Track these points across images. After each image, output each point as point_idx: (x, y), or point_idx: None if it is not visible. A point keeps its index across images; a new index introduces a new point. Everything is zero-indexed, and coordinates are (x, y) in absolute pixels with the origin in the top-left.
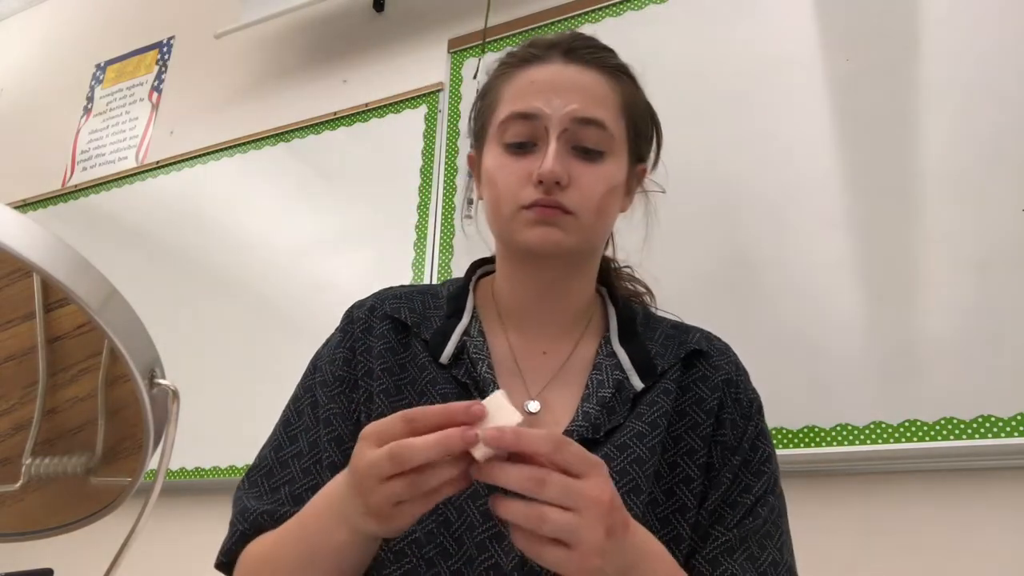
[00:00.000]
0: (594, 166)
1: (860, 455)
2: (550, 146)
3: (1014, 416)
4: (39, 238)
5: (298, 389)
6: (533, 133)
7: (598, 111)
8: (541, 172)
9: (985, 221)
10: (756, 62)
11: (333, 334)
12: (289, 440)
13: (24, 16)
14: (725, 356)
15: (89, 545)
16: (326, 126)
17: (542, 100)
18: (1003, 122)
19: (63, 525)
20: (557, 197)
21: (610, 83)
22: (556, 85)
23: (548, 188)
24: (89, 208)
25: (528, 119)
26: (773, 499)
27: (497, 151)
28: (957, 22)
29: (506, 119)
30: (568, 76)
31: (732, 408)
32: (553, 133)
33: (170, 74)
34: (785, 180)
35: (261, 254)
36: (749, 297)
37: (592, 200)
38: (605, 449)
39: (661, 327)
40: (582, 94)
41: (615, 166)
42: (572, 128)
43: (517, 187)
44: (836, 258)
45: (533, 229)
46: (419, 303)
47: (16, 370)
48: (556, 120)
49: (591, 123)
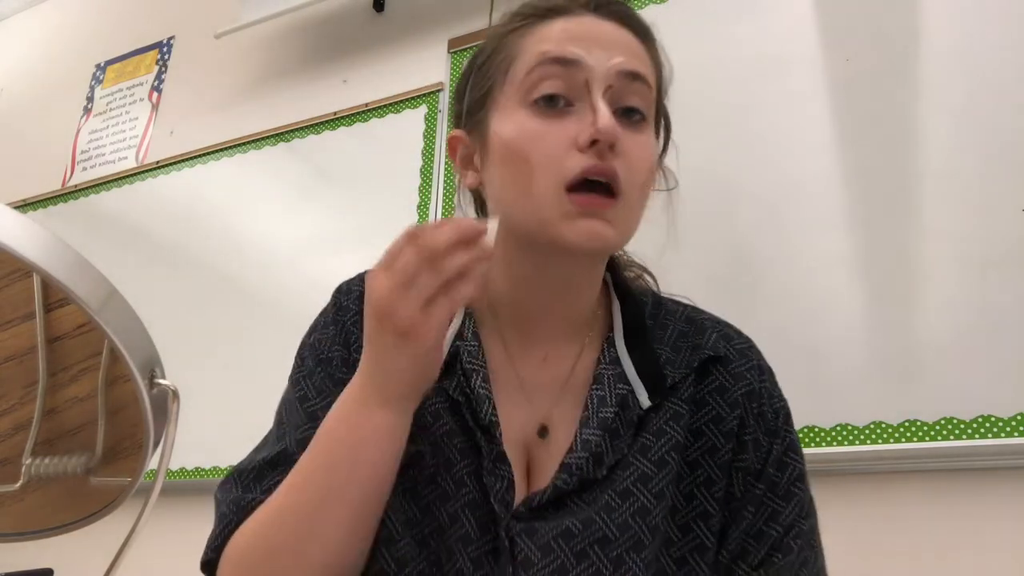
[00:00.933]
0: (638, 134)
1: (860, 455)
2: (597, 102)
3: (1014, 416)
4: (39, 238)
5: (288, 387)
6: (570, 88)
7: (642, 66)
8: (599, 128)
9: (985, 221)
10: (756, 62)
11: (322, 321)
12: (278, 438)
13: (24, 16)
14: (745, 360)
15: (89, 545)
16: (326, 126)
17: (581, 47)
18: (1003, 122)
19: (63, 525)
20: (614, 163)
21: (646, 45)
22: (596, 36)
23: (602, 151)
24: (89, 208)
25: (565, 65)
26: (806, 525)
27: (521, 115)
28: (957, 22)
29: (536, 67)
30: (606, 29)
31: (754, 426)
32: (597, 89)
33: (170, 74)
34: (785, 180)
35: (261, 254)
36: (749, 297)
37: (640, 175)
38: (606, 497)
39: (673, 322)
40: (626, 49)
41: (653, 139)
42: (618, 85)
43: (557, 155)
44: (836, 258)
45: (576, 223)
46: None
47: (16, 370)
48: (600, 73)
49: (638, 79)
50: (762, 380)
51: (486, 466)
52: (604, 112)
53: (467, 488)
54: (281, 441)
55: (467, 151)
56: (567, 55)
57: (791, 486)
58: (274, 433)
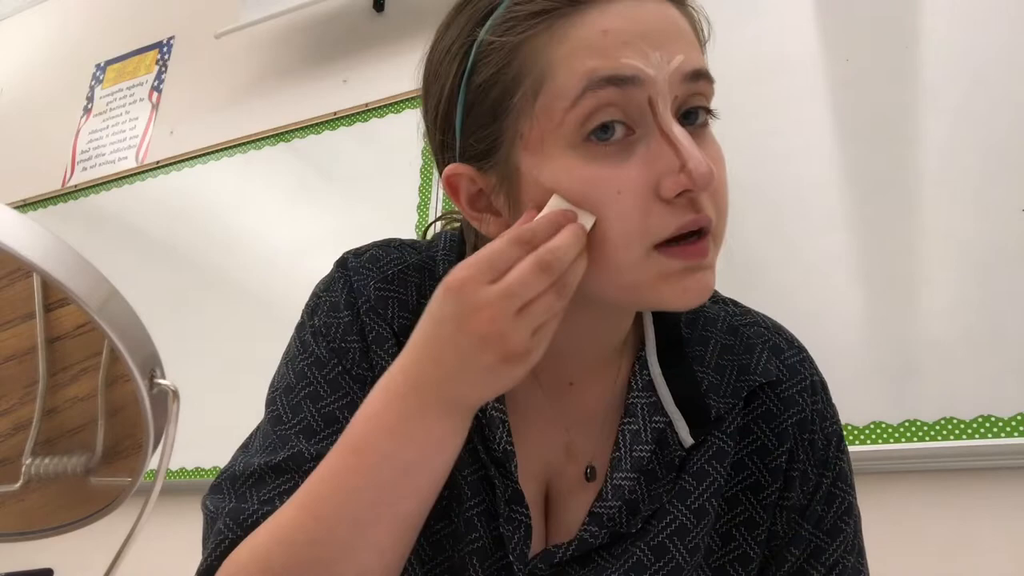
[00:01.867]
0: (709, 145)
1: (860, 455)
2: (671, 127)
3: (1014, 416)
4: (39, 238)
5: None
6: (627, 111)
7: (701, 56)
8: (694, 177)
9: (985, 221)
10: (756, 62)
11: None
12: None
13: (24, 16)
14: (797, 379)
15: (89, 545)
16: (326, 126)
17: (636, 55)
18: (1003, 122)
19: (63, 525)
20: (708, 211)
21: (691, 22)
22: (646, 29)
23: (695, 200)
24: (89, 208)
25: (622, 85)
26: (851, 561)
27: (571, 157)
28: (957, 22)
29: (587, 92)
30: (651, 13)
31: (804, 459)
32: (666, 109)
33: (170, 74)
34: (785, 180)
35: (261, 254)
36: (749, 297)
37: (724, 197)
38: (638, 553)
39: (714, 333)
40: (681, 39)
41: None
42: (683, 92)
43: (639, 214)
44: (836, 258)
45: (682, 282)
46: (414, 290)
47: (16, 370)
48: (663, 85)
49: (701, 76)
50: (815, 402)
51: (501, 510)
52: (692, 151)
53: (477, 533)
54: (286, 444)
55: (476, 189)
56: (623, 72)
57: (838, 520)
58: (271, 432)
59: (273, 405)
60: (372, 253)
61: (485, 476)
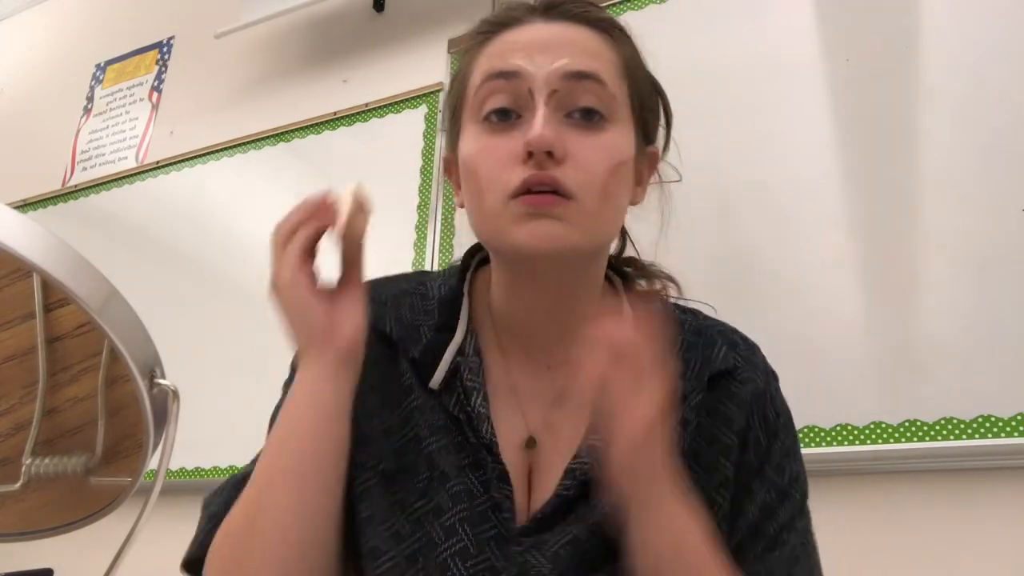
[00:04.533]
0: (594, 135)
1: (860, 455)
2: (537, 111)
3: (1014, 416)
4: (39, 238)
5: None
6: (516, 99)
7: (593, 64)
8: (528, 139)
9: (985, 221)
10: (756, 62)
11: None
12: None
13: (24, 16)
14: (751, 366)
15: (89, 545)
16: (326, 126)
17: (523, 57)
18: (1003, 122)
19: (63, 525)
20: (552, 172)
21: (602, 38)
22: (539, 42)
23: (539, 161)
24: (89, 208)
25: (508, 78)
26: (801, 524)
27: (475, 131)
28: (957, 22)
29: (482, 84)
30: (553, 32)
31: (758, 425)
32: (540, 96)
33: (170, 74)
34: (785, 180)
35: (261, 254)
36: (749, 297)
37: (596, 177)
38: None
39: (682, 333)
40: (572, 49)
41: (621, 136)
42: (564, 88)
43: (501, 170)
44: (836, 258)
45: (525, 225)
46: (407, 309)
47: (16, 370)
48: (542, 79)
49: (586, 77)
50: (768, 384)
51: (493, 485)
52: (538, 121)
53: (464, 504)
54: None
55: (455, 168)
56: (507, 67)
57: (789, 488)
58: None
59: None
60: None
61: (474, 460)
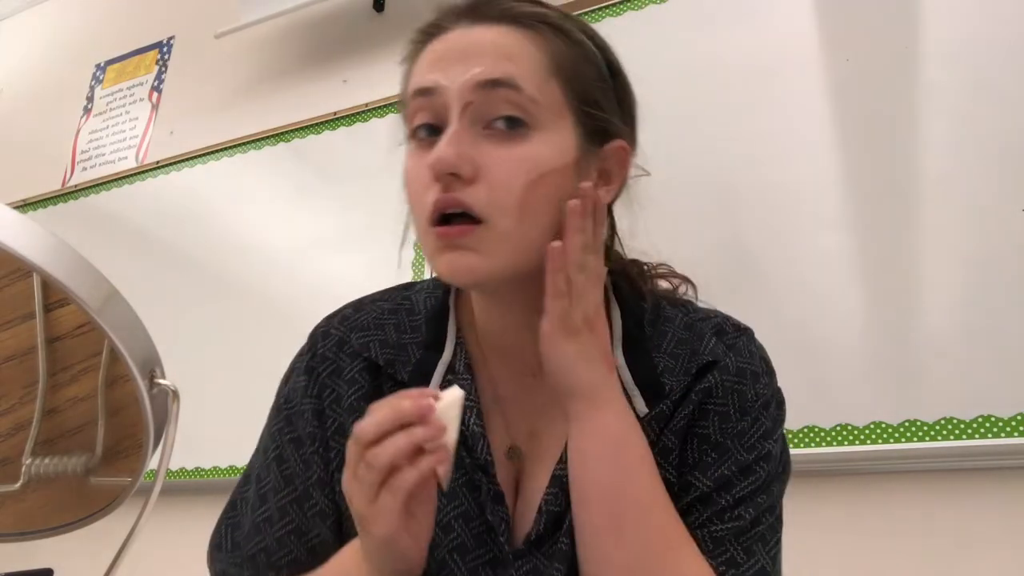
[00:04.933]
0: (513, 147)
1: (860, 455)
2: (449, 127)
3: (1014, 416)
4: (39, 238)
5: (265, 434)
6: (437, 115)
7: (507, 68)
8: (429, 162)
9: (985, 221)
10: (756, 62)
11: (299, 366)
12: (260, 500)
13: (24, 16)
14: (735, 352)
15: (89, 545)
16: (326, 126)
17: (439, 71)
18: (1003, 122)
19: (63, 525)
20: (458, 195)
21: (527, 37)
22: (456, 51)
23: (446, 183)
24: (89, 208)
25: (427, 95)
26: (764, 501)
27: (409, 149)
28: (957, 22)
29: (410, 102)
30: (471, 38)
31: (726, 399)
32: (454, 110)
33: (170, 74)
34: (785, 180)
35: (261, 254)
36: (749, 297)
37: (511, 194)
38: None
39: (672, 328)
40: (487, 55)
41: (545, 145)
42: (479, 98)
43: (423, 191)
44: (836, 258)
45: (441, 256)
46: (392, 329)
47: (16, 370)
48: (455, 92)
49: (499, 85)
50: (750, 363)
51: (488, 507)
52: (442, 141)
53: (455, 533)
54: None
55: None
56: (425, 83)
57: (755, 464)
58: (255, 493)
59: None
60: (342, 314)
61: (469, 481)
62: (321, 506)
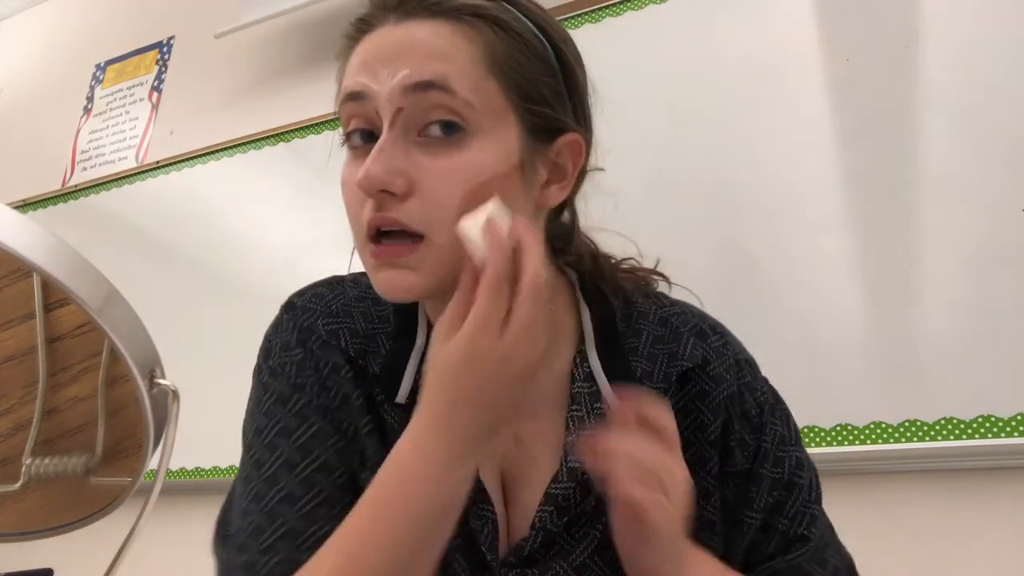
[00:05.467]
0: (447, 156)
1: (860, 455)
2: (381, 138)
3: (1014, 416)
4: (39, 238)
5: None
6: (369, 120)
7: (438, 68)
8: (357, 181)
9: (985, 221)
10: (756, 62)
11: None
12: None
13: (24, 16)
14: (722, 359)
15: (89, 545)
16: (326, 126)
17: (367, 73)
18: (1003, 122)
19: (63, 525)
20: (391, 213)
21: (459, 32)
22: (385, 50)
23: (378, 201)
24: (89, 208)
25: (357, 99)
26: (818, 509)
27: (346, 155)
28: (957, 21)
29: (341, 107)
30: (399, 35)
31: (739, 427)
32: (385, 118)
33: (170, 74)
34: (785, 180)
35: (261, 254)
36: (749, 297)
37: (448, 208)
38: (595, 532)
39: (646, 325)
40: (415, 54)
41: (483, 151)
42: (409, 103)
43: (358, 205)
44: (836, 258)
45: (378, 273)
46: (360, 318)
47: (16, 370)
48: (385, 97)
49: (429, 87)
50: (741, 377)
51: (471, 508)
52: (371, 156)
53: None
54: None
55: None
56: (353, 88)
57: (793, 476)
58: (255, 476)
59: (251, 449)
60: (315, 292)
61: None
62: (345, 478)
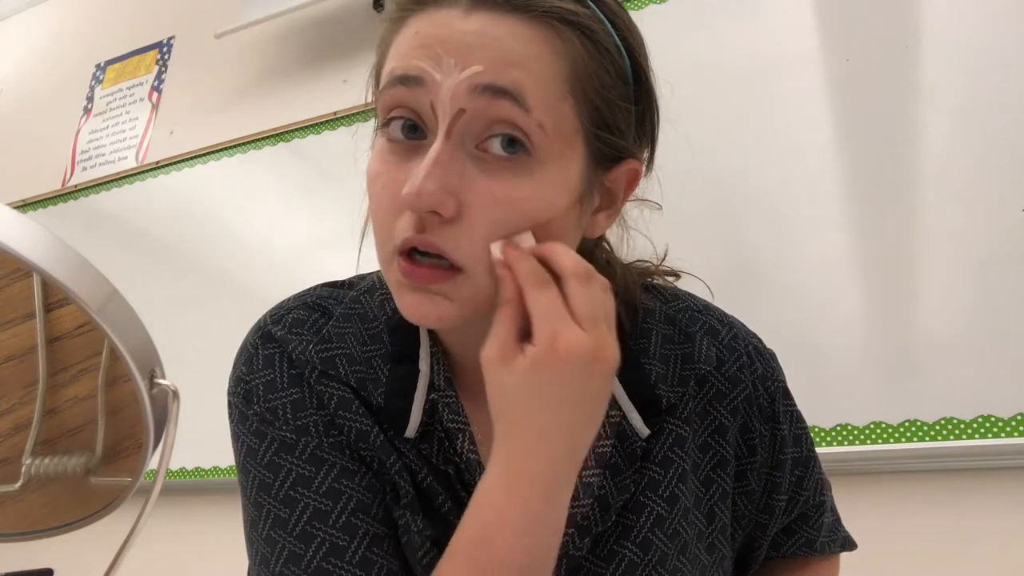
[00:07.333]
0: (505, 180)
1: (860, 455)
2: (435, 142)
3: (1014, 416)
4: (39, 238)
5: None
6: (419, 114)
7: (516, 77)
8: (404, 192)
9: (985, 221)
10: (756, 62)
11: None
12: (301, 539)
13: (24, 16)
14: (736, 356)
15: (89, 545)
16: (326, 126)
17: (428, 58)
18: (1003, 122)
19: (63, 525)
20: (434, 238)
21: (543, 38)
22: (451, 38)
23: (421, 221)
24: (89, 208)
25: (409, 85)
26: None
27: (379, 143)
28: (957, 22)
29: (385, 87)
30: (475, 24)
31: (759, 425)
32: (442, 117)
33: (170, 74)
34: (785, 180)
35: (261, 254)
36: (749, 297)
37: (479, 243)
38: (625, 552)
39: (653, 323)
40: (492, 51)
41: (547, 185)
42: (474, 106)
43: (393, 212)
44: (836, 258)
45: (405, 294)
46: (354, 340)
47: (16, 370)
48: (447, 91)
49: (502, 95)
50: (753, 371)
51: None
52: (423, 164)
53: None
54: (311, 540)
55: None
56: (408, 71)
57: (808, 450)
58: (278, 538)
59: (261, 507)
60: (294, 316)
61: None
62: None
